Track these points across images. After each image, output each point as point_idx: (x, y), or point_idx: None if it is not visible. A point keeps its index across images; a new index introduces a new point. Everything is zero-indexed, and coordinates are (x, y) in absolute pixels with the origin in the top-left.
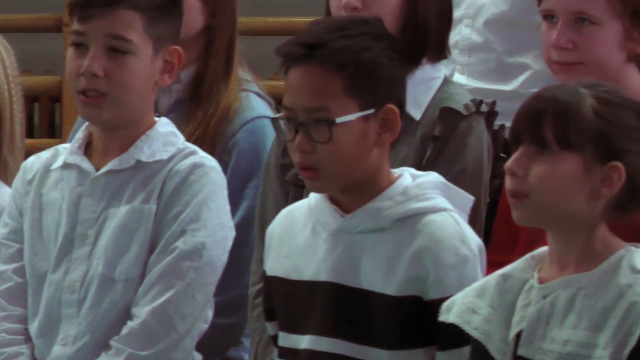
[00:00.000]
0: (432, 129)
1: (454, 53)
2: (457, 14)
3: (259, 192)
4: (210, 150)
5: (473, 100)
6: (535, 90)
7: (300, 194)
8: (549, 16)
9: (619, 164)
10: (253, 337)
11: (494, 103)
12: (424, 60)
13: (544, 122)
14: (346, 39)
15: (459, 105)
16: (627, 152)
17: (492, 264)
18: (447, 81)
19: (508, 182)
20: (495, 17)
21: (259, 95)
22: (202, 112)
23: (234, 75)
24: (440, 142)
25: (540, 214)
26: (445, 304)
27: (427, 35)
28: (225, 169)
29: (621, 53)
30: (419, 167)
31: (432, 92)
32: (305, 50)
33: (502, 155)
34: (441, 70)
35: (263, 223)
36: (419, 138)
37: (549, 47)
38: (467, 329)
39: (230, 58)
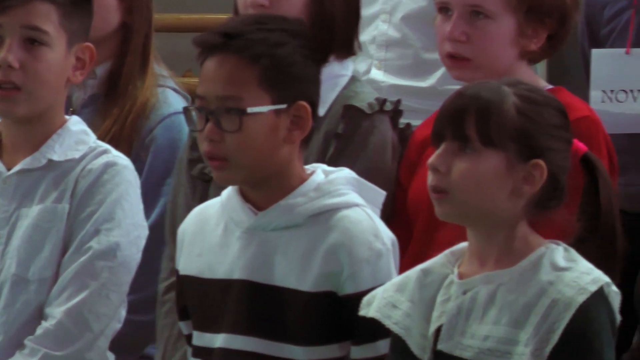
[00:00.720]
0: (335, 126)
1: (371, 48)
2: (374, 9)
3: (171, 188)
4: (128, 147)
5: (377, 99)
6: (452, 86)
7: (206, 189)
8: (444, 9)
9: (541, 162)
10: (162, 333)
11: (398, 102)
12: (332, 58)
13: (467, 119)
14: (263, 32)
15: (362, 104)
16: (549, 150)
17: None
18: (354, 79)
19: (430, 178)
20: (412, 12)
21: (175, 90)
22: (118, 109)
23: (150, 72)
24: (343, 139)
25: (462, 210)
26: (365, 299)
27: (334, 33)
28: (142, 165)
29: (513, 49)
30: (322, 163)
31: (338, 90)
32: (223, 40)
33: None
34: (349, 68)
35: (174, 219)
36: (323, 135)
37: (443, 40)
38: (387, 323)
39: (147, 55)
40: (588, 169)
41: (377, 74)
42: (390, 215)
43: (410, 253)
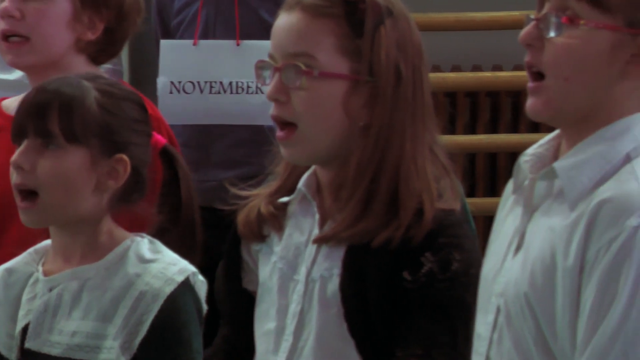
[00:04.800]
0: None
1: None
2: None
3: None
4: None
5: None
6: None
7: None
8: None
9: (124, 157)
10: None
11: None
12: None
13: (50, 115)
14: None
15: None
16: (131, 144)
17: None
18: None
19: (14, 177)
20: None
21: None
22: None
23: None
24: None
25: (51, 213)
26: None
27: None
28: None
29: (69, 33)
30: None
31: None
32: None
33: None
34: None
35: None
36: None
37: None
38: None
39: None
40: (167, 162)
41: None
42: None
43: (6, 253)
